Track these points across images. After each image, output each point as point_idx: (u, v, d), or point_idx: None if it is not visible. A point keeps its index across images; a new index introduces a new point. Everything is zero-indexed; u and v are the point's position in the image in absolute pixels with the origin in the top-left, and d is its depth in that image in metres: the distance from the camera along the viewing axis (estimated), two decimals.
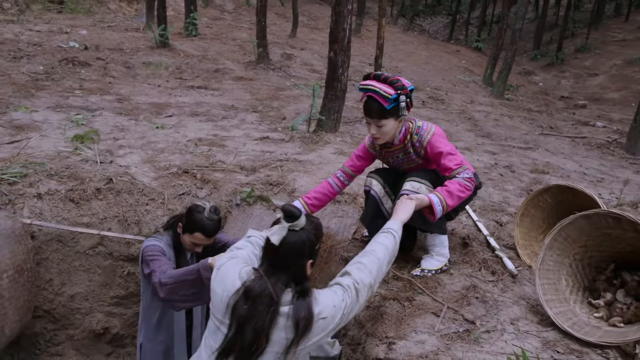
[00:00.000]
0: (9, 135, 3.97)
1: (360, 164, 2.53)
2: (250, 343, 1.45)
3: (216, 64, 8.43)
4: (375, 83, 2.17)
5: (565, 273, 2.34)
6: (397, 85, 2.14)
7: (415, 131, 2.30)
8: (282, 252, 1.50)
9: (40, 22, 9.57)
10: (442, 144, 2.25)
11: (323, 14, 16.77)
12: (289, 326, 1.45)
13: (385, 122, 2.20)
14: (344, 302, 1.52)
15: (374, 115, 2.20)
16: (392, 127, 2.23)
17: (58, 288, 3.10)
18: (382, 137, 2.26)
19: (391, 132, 2.25)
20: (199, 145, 4.22)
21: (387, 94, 2.12)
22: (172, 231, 2.32)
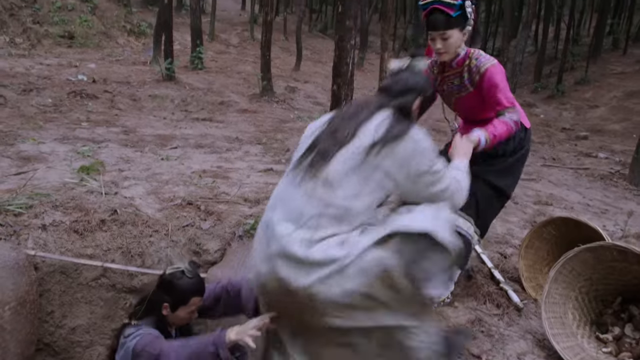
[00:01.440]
0: (16, 167, 4.02)
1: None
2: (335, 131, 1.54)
3: (221, 96, 8.57)
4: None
5: (572, 306, 2.31)
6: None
7: (475, 56, 2.27)
8: (396, 79, 1.67)
9: (51, 56, 9.81)
10: (500, 78, 2.22)
11: (326, 48, 17.12)
12: (380, 128, 1.50)
13: (450, 33, 2.17)
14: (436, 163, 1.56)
15: (439, 27, 2.17)
16: (457, 38, 2.20)
17: (59, 320, 3.07)
18: (447, 50, 2.23)
19: (456, 45, 2.22)
20: (203, 177, 4.25)
21: (451, 2, 2.10)
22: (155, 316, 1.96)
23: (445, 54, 2.26)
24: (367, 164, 1.46)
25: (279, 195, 1.61)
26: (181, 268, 1.94)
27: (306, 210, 1.46)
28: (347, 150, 1.49)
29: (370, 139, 1.48)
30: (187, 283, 1.90)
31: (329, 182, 1.47)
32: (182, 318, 1.97)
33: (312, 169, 1.51)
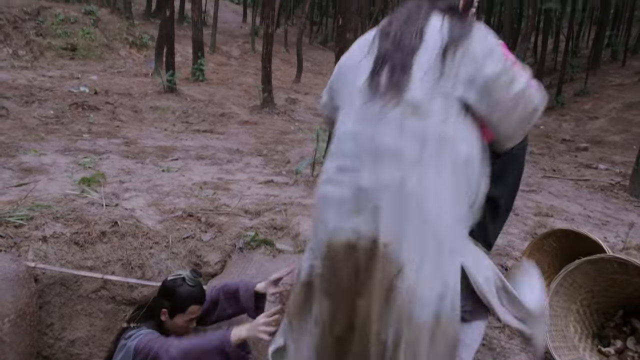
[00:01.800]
0: (18, 178, 4.03)
1: None
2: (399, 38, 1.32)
3: (222, 108, 8.61)
4: None
5: (573, 319, 2.31)
6: None
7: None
8: None
9: (53, 68, 9.88)
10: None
11: (327, 60, 17.23)
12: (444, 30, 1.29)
13: None
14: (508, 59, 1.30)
15: None
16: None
17: (58, 333, 3.06)
18: None
19: None
20: (204, 189, 4.26)
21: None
22: (154, 322, 1.95)
23: None
24: (445, 77, 1.27)
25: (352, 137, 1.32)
26: (182, 275, 1.95)
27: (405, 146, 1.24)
28: (421, 57, 1.29)
29: (440, 43, 1.28)
30: (187, 290, 1.90)
31: (417, 108, 1.26)
32: (180, 326, 1.95)
33: (393, 89, 1.29)
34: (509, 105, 1.31)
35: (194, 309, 1.93)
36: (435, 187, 1.22)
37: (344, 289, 1.27)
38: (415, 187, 1.22)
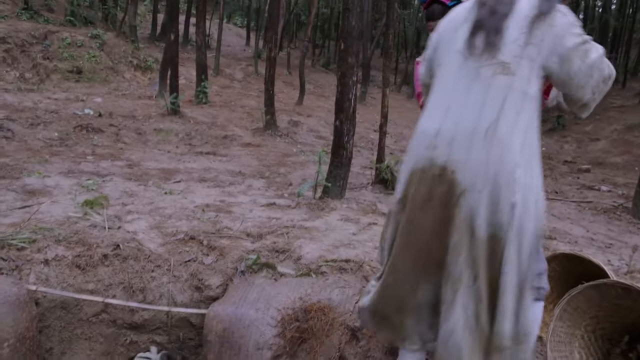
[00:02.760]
0: (21, 201, 4.05)
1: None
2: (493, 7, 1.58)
3: (225, 130, 8.68)
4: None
5: (578, 345, 2.28)
6: None
7: None
8: None
9: (59, 91, 10.01)
10: None
11: (329, 82, 17.40)
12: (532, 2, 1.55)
13: None
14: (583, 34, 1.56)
15: (437, 17, 2.19)
16: None
17: (58, 357, 3.04)
18: None
19: None
20: (206, 211, 4.26)
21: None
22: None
23: None
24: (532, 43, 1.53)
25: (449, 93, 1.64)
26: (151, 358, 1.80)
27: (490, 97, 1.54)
28: (512, 23, 1.55)
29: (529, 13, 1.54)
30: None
31: (506, 67, 1.55)
32: None
33: (488, 50, 1.57)
34: (585, 73, 1.55)
35: None
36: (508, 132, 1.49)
37: (419, 208, 1.61)
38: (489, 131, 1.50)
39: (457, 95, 1.60)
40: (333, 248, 3.56)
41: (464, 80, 1.60)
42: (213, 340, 2.73)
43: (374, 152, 7.05)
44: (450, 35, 1.71)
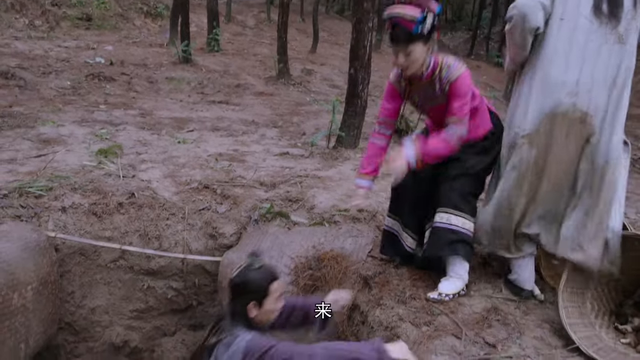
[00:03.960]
0: (36, 149, 4.08)
1: (392, 106, 2.45)
2: None
3: (237, 79, 8.55)
4: (399, 8, 2.10)
5: (591, 296, 2.28)
6: (423, 4, 2.08)
7: (445, 66, 2.22)
8: None
9: (69, 39, 9.86)
10: (464, 89, 2.21)
11: (343, 30, 16.90)
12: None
13: (413, 48, 2.12)
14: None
15: (400, 42, 2.13)
16: (421, 52, 2.15)
17: (79, 301, 3.15)
18: (410, 65, 2.18)
19: (420, 59, 2.17)
20: (220, 161, 4.26)
21: (412, 17, 2.06)
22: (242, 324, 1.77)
23: (408, 69, 2.21)
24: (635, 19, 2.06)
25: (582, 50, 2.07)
26: (244, 264, 1.83)
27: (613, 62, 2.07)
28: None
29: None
30: (258, 274, 1.79)
31: (622, 36, 2.06)
32: (272, 310, 1.84)
33: (613, 19, 2.05)
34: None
35: (276, 286, 1.82)
36: (622, 86, 2.08)
37: (552, 143, 2.14)
38: (613, 85, 2.07)
39: (589, 54, 2.05)
40: (346, 197, 3.55)
41: (594, 43, 2.05)
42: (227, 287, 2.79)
43: None
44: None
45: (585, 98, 2.06)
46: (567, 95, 2.07)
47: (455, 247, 2.33)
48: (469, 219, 2.36)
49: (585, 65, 2.06)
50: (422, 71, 2.23)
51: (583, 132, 2.10)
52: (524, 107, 2.20)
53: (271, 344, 1.65)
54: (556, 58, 2.10)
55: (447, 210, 2.35)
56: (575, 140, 2.11)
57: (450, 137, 2.23)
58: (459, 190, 2.35)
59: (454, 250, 2.33)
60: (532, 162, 2.18)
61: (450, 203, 2.35)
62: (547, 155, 2.16)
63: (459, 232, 2.32)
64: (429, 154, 2.23)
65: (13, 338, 2.51)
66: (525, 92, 2.21)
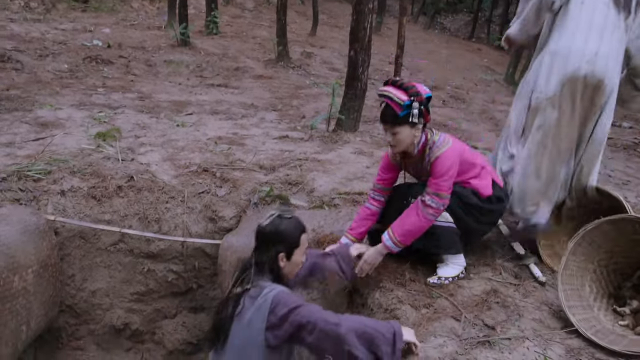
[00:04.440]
0: (34, 133, 4.05)
1: (388, 176, 2.51)
2: None
3: (236, 62, 8.47)
4: (390, 89, 2.16)
5: (590, 279, 2.28)
6: (411, 92, 2.12)
7: (430, 144, 2.27)
8: None
9: (66, 21, 9.74)
10: (444, 168, 2.22)
11: (343, 12, 16.71)
12: None
13: (399, 130, 2.19)
14: None
15: (387, 122, 2.20)
16: (407, 135, 2.21)
17: (80, 284, 3.16)
18: (397, 145, 2.25)
19: (407, 141, 2.23)
20: (219, 144, 4.24)
21: (400, 100, 2.11)
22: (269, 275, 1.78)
23: (395, 147, 2.26)
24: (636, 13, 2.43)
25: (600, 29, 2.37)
26: (276, 213, 1.80)
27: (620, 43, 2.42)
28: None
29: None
30: (291, 224, 1.79)
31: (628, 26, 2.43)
32: (298, 262, 1.84)
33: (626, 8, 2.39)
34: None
35: (305, 238, 1.83)
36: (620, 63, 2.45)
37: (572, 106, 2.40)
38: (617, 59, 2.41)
39: (606, 33, 2.35)
40: (346, 181, 3.55)
41: (610, 26, 2.36)
42: (227, 270, 2.80)
43: None
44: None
45: (602, 67, 2.33)
46: (587, 63, 2.33)
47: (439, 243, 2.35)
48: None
49: (603, 42, 2.35)
50: (413, 149, 2.28)
51: (596, 100, 2.38)
52: (546, 73, 2.44)
53: (299, 302, 1.67)
54: (578, 33, 2.38)
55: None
56: (588, 103, 2.40)
57: (425, 215, 2.21)
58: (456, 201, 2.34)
59: (440, 246, 2.37)
60: (554, 123, 2.42)
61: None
62: (567, 117, 2.41)
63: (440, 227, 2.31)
64: (405, 235, 2.23)
65: (14, 320, 2.52)
66: (547, 61, 2.45)
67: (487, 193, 2.36)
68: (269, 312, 1.64)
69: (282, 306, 1.64)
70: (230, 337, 1.72)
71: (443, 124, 5.87)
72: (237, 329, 1.71)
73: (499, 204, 2.42)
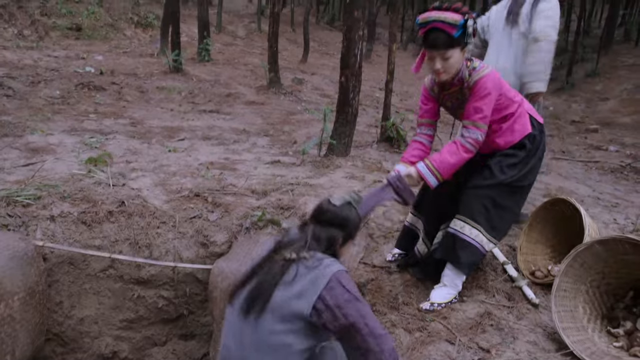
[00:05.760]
0: (25, 158, 4.03)
1: (429, 107, 2.45)
2: None
3: (228, 88, 8.55)
4: (437, 12, 2.08)
5: (583, 300, 2.29)
6: (463, 10, 2.07)
7: (470, 70, 2.21)
8: None
9: (59, 48, 9.81)
10: (483, 92, 2.17)
11: (333, 40, 17.02)
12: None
13: (452, 53, 2.11)
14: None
15: (440, 47, 2.10)
16: (458, 58, 2.14)
17: (68, 311, 3.09)
18: (447, 70, 2.17)
19: (457, 65, 2.16)
20: (211, 169, 4.24)
21: (454, 21, 2.04)
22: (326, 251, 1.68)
23: (444, 74, 2.19)
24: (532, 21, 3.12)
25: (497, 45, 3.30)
26: (349, 199, 1.73)
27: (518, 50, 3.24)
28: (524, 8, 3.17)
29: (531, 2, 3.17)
30: (358, 217, 1.74)
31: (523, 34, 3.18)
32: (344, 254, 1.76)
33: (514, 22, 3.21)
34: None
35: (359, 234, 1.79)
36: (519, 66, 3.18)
37: None
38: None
39: (502, 48, 3.23)
40: None
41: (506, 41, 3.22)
42: (218, 297, 2.76)
43: (380, 111, 6.94)
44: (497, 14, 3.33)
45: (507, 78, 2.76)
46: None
47: (457, 255, 2.32)
48: (484, 233, 2.33)
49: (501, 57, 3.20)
50: (454, 77, 2.22)
51: None
52: None
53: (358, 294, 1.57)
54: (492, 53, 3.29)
55: (463, 219, 2.33)
56: None
57: (462, 144, 2.19)
58: (480, 200, 2.32)
59: (456, 259, 2.33)
60: None
61: (467, 212, 2.33)
62: None
63: (466, 242, 2.31)
64: (444, 167, 2.19)
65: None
66: None
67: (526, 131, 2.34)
68: (325, 288, 1.52)
69: (341, 289, 1.52)
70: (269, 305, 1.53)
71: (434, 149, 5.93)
72: (282, 297, 1.53)
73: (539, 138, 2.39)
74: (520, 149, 2.34)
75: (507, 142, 2.33)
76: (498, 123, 2.29)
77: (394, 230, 3.23)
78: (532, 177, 2.43)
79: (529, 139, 2.33)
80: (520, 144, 2.33)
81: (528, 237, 2.83)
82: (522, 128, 2.33)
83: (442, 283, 2.43)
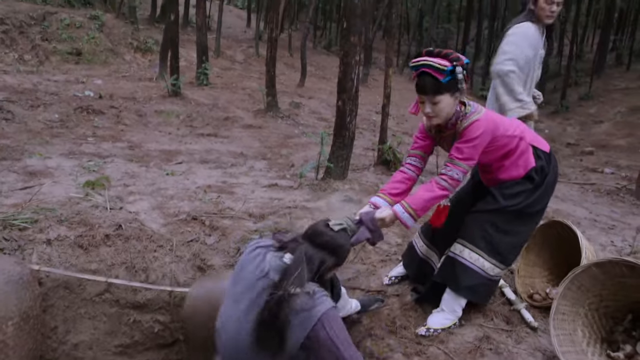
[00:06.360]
0: (22, 182, 4.03)
1: (425, 143, 2.42)
2: None
3: (226, 112, 8.62)
4: (428, 57, 2.10)
5: (581, 323, 2.28)
6: (452, 57, 2.08)
7: (462, 116, 2.20)
8: None
9: (58, 73, 9.92)
10: (473, 134, 2.15)
11: (330, 64, 17.25)
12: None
13: (440, 98, 2.11)
14: None
15: (428, 92, 2.11)
16: (448, 104, 2.13)
17: (62, 336, 3.05)
18: (437, 115, 2.16)
19: (446, 110, 2.15)
20: (208, 192, 4.25)
21: (442, 67, 2.05)
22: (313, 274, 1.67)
23: (435, 117, 2.19)
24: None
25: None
26: (345, 226, 1.74)
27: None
28: None
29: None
30: (349, 245, 1.73)
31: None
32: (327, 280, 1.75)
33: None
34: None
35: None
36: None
37: None
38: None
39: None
40: None
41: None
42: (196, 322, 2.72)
43: (376, 134, 7.00)
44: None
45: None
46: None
47: (456, 279, 2.31)
48: (486, 257, 2.31)
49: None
50: (447, 122, 2.22)
51: None
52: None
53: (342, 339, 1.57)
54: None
55: (463, 242, 2.33)
56: None
57: (437, 182, 2.18)
58: (481, 224, 2.31)
59: (455, 283, 2.32)
60: None
61: (467, 236, 2.33)
62: None
63: (465, 266, 2.30)
64: (418, 204, 2.16)
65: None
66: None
67: (530, 166, 2.30)
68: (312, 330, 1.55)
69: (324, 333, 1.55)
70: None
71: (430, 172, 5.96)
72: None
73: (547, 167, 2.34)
74: (526, 179, 2.33)
75: (512, 178, 2.32)
76: (500, 161, 2.29)
77: (392, 254, 3.23)
78: (543, 203, 2.40)
79: (535, 171, 2.33)
80: (527, 177, 2.33)
81: (526, 259, 2.83)
82: (525, 163, 2.31)
83: (440, 308, 2.42)
